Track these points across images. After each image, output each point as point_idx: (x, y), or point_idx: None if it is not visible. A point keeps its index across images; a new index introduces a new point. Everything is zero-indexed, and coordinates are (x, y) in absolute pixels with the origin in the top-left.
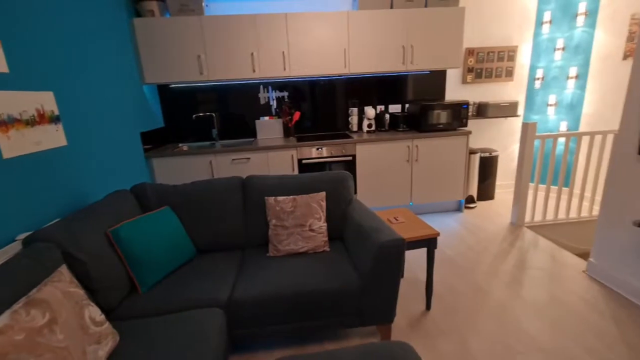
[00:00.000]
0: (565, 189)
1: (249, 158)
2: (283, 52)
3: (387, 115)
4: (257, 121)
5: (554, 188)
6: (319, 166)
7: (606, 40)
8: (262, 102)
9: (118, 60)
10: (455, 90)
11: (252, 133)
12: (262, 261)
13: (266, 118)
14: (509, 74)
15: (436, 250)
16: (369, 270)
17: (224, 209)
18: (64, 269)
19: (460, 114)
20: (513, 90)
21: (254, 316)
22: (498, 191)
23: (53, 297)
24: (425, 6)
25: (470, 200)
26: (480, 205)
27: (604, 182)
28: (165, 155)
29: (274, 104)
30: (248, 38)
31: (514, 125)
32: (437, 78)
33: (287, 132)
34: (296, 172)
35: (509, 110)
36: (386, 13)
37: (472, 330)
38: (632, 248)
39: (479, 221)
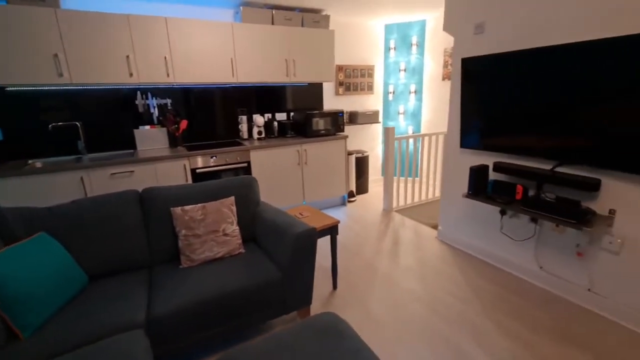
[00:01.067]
0: (417, 179)
1: (132, 171)
2: (165, 58)
3: (276, 123)
4: (135, 131)
5: (410, 179)
6: (214, 175)
7: (431, 66)
8: (141, 109)
9: None
10: (331, 101)
11: (130, 144)
12: (177, 274)
13: (147, 127)
14: (370, 88)
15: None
16: (288, 260)
17: (120, 226)
18: None
19: (337, 121)
20: (374, 102)
21: (179, 329)
22: (371, 185)
23: None
24: (302, 25)
25: (351, 194)
26: (359, 198)
27: (441, 170)
28: (10, 175)
29: (155, 111)
30: (122, 39)
31: (377, 130)
32: (316, 89)
33: (173, 142)
34: (190, 182)
35: (372, 117)
36: (269, 28)
37: (370, 298)
38: (463, 215)
39: (360, 211)
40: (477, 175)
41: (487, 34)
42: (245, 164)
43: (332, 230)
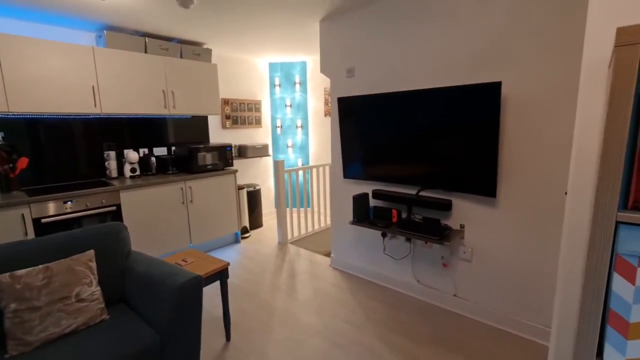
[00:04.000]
0: (309, 209)
1: None
2: None
3: (153, 159)
4: None
5: (302, 209)
6: (71, 224)
7: (314, 103)
8: None
9: None
10: (217, 134)
11: None
12: None
13: None
14: (258, 122)
15: None
16: (168, 319)
17: None
18: None
19: (225, 155)
20: (263, 135)
21: None
22: (265, 218)
23: None
24: (181, 57)
25: (244, 230)
26: (253, 233)
27: (329, 199)
28: None
29: None
30: None
31: (267, 163)
32: (200, 122)
33: (7, 186)
34: (32, 237)
35: (262, 151)
36: (142, 57)
37: (268, 341)
38: (352, 240)
39: (254, 247)
40: (360, 202)
41: (357, 78)
42: (114, 208)
43: (221, 275)
